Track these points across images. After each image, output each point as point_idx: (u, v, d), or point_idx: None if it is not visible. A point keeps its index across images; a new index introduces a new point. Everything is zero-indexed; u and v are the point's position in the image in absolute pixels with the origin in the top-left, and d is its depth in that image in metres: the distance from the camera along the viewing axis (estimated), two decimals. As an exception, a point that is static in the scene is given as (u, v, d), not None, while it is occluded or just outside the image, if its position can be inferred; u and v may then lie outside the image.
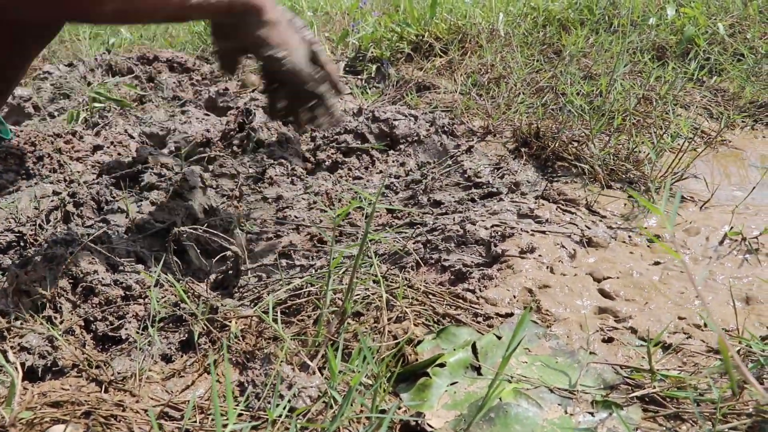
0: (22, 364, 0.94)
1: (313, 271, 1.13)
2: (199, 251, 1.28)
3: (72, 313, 1.07)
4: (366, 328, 0.89)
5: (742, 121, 1.95)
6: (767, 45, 2.28)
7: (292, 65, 1.21)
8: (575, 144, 1.60)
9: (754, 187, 1.46)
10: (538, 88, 2.05)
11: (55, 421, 0.78)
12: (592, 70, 2.15)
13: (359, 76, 2.53)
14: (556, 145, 1.59)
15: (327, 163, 1.74)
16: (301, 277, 1.05)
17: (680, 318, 1.04)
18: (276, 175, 1.64)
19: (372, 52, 2.60)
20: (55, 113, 2.45)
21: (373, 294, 0.98)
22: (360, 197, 1.46)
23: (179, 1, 1.12)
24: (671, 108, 1.82)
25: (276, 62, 1.21)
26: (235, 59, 1.32)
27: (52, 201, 1.49)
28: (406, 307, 0.95)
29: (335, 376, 0.66)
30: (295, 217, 1.48)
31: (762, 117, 1.97)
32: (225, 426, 0.62)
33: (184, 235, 1.23)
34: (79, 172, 1.68)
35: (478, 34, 2.50)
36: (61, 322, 1.04)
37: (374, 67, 2.52)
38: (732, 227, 1.30)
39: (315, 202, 1.54)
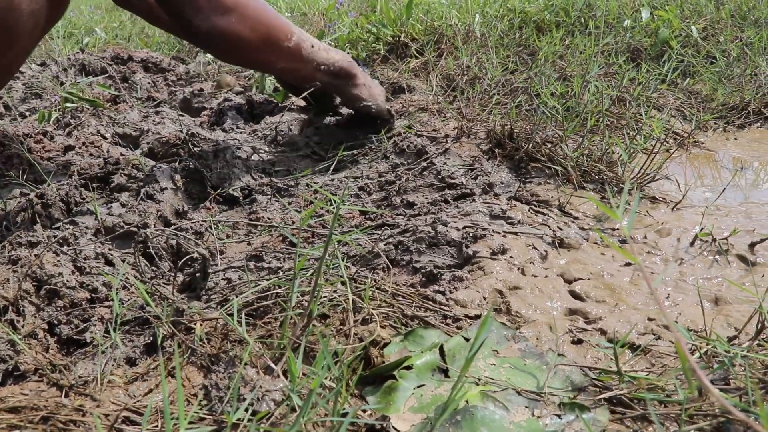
0: (-18, 369, 0.92)
1: (282, 273, 1.12)
2: (168, 253, 1.26)
3: (35, 317, 1.05)
4: (332, 330, 0.88)
5: (715, 123, 1.97)
6: (738, 48, 2.30)
7: (378, 110, 1.81)
8: (549, 145, 1.60)
9: (724, 189, 1.47)
10: (513, 89, 2.05)
11: (12, 427, 0.76)
12: (567, 72, 2.16)
13: (335, 77, 2.52)
14: (530, 147, 1.59)
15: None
16: (268, 279, 1.04)
17: (650, 319, 1.04)
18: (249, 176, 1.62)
19: (348, 53, 2.59)
20: (27, 113, 2.42)
21: (340, 296, 0.97)
22: (329, 198, 1.45)
23: (311, 69, 1.71)
24: (644, 109, 1.83)
25: (367, 109, 1.80)
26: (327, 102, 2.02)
27: (19, 202, 1.46)
28: (373, 309, 0.94)
29: (295, 379, 0.65)
30: (268, 218, 1.46)
31: (733, 119, 1.99)
32: (176, 430, 0.61)
33: (153, 238, 1.21)
34: (49, 172, 1.65)
35: (454, 36, 2.50)
36: (24, 326, 1.02)
37: (350, 68, 2.51)
38: (702, 228, 1.31)
39: (290, 203, 1.53)
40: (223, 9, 1.50)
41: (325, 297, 0.96)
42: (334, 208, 1.42)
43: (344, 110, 2.03)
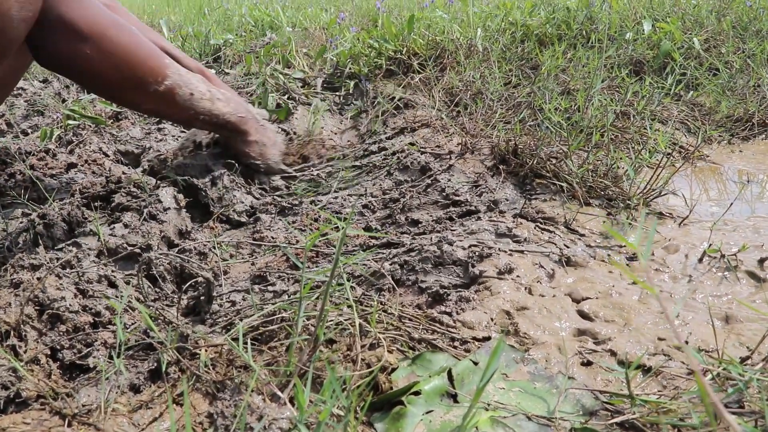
0: (-17, 397, 0.91)
1: (287, 296, 1.11)
2: (172, 275, 1.25)
3: (37, 342, 1.03)
4: (339, 356, 0.87)
5: (719, 136, 1.96)
6: (741, 60, 2.29)
7: (268, 169, 1.78)
8: (553, 161, 1.59)
9: (731, 203, 1.46)
10: (516, 103, 2.05)
11: (15, 459, 0.75)
12: (570, 85, 2.15)
13: (337, 93, 2.52)
14: (534, 162, 1.58)
15: (307, 177, 1.72)
16: (273, 303, 1.03)
17: (660, 339, 1.02)
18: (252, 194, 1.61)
19: (350, 68, 2.59)
20: (29, 130, 2.42)
21: (346, 320, 0.96)
22: (334, 219, 1.44)
23: (188, 116, 1.60)
24: (649, 123, 1.82)
25: (255, 167, 1.77)
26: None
27: (21, 222, 1.46)
28: (380, 333, 0.93)
29: (303, 410, 0.63)
30: (272, 238, 1.45)
31: (738, 131, 1.98)
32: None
33: (156, 261, 1.20)
34: (51, 190, 1.64)
35: (456, 50, 2.49)
36: (26, 351, 1.01)
37: (352, 83, 2.51)
38: (711, 244, 1.29)
39: (293, 222, 1.52)
40: (75, 35, 1.38)
41: (331, 321, 0.95)
42: (338, 227, 1.42)
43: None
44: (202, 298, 1.10)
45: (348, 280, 1.19)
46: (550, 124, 1.71)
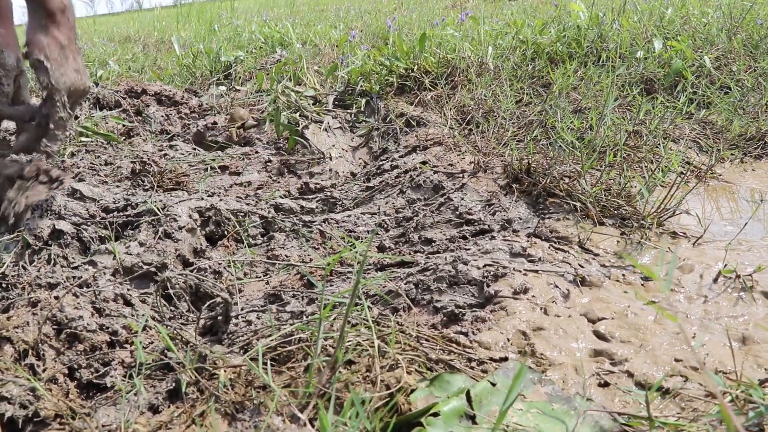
0: (1, 415, 0.91)
1: (304, 317, 1.11)
2: (188, 293, 1.26)
3: (55, 361, 1.04)
4: (358, 378, 0.87)
5: (732, 154, 1.96)
6: (753, 78, 2.29)
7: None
8: (566, 180, 1.59)
9: (746, 223, 1.46)
10: (528, 122, 2.05)
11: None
12: (582, 104, 2.16)
13: (348, 110, 2.53)
14: (548, 181, 1.58)
15: (320, 196, 1.73)
16: (291, 323, 1.03)
17: (677, 360, 1.02)
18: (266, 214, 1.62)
19: (361, 86, 2.60)
20: (42, 148, 2.43)
21: (364, 340, 0.96)
22: (350, 241, 1.45)
23: None
24: (661, 142, 1.82)
25: None
26: None
27: (38, 237, 1.46)
28: (398, 354, 0.93)
29: (327, 434, 0.64)
30: (286, 256, 1.46)
31: (751, 150, 1.98)
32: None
33: (173, 281, 1.21)
34: (66, 208, 1.65)
35: (467, 68, 2.51)
36: (44, 370, 1.02)
37: (363, 101, 2.53)
38: (726, 264, 1.29)
39: (308, 240, 1.53)
40: None
41: (350, 342, 0.95)
42: (353, 248, 1.42)
43: None
44: (219, 318, 1.10)
45: (365, 297, 1.19)
46: (563, 143, 1.71)
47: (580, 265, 1.31)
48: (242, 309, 1.24)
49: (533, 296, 1.19)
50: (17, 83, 1.50)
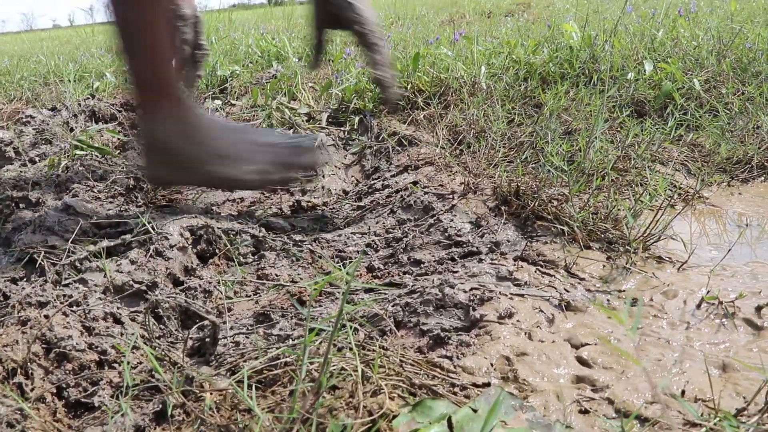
0: (-10, 435, 0.93)
1: (291, 340, 1.12)
2: (177, 312, 1.27)
3: (44, 380, 1.05)
4: (341, 403, 0.89)
5: (719, 177, 1.98)
6: (741, 102, 2.32)
7: None
8: (555, 203, 1.61)
9: (730, 249, 1.48)
10: (519, 143, 2.08)
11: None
12: (572, 126, 2.18)
13: (342, 128, 2.55)
14: (536, 204, 1.60)
15: (311, 215, 1.75)
16: (278, 347, 1.05)
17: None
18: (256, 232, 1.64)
19: (355, 104, 2.63)
20: (37, 159, 2.45)
21: (349, 365, 0.97)
22: (335, 265, 1.46)
23: None
24: (649, 165, 1.84)
25: None
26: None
27: (24, 253, 1.47)
28: (381, 379, 0.94)
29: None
30: (276, 275, 1.47)
31: (738, 173, 2.00)
32: None
33: (163, 302, 1.22)
34: (60, 224, 1.66)
35: (460, 88, 2.53)
36: (32, 389, 1.03)
37: (357, 118, 2.55)
38: (708, 291, 1.31)
39: (298, 260, 1.54)
40: None
41: (334, 366, 0.97)
42: (342, 269, 1.43)
43: None
44: (207, 340, 1.12)
45: (351, 320, 1.21)
46: (551, 167, 1.73)
47: (565, 289, 1.33)
48: (231, 328, 1.26)
49: (518, 321, 1.20)
50: (196, 29, 1.81)
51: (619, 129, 2.21)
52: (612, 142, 2.02)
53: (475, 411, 0.95)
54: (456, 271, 1.39)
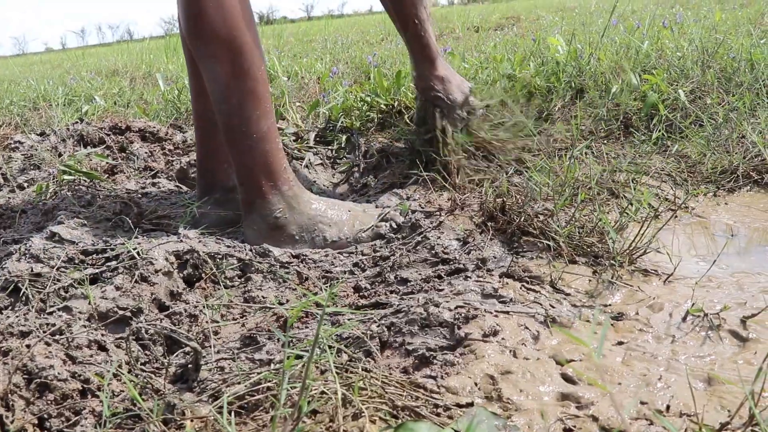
0: (-29, 470, 0.92)
1: (273, 365, 1.12)
2: (161, 337, 1.26)
3: (25, 411, 1.04)
4: (321, 428, 0.88)
5: (705, 187, 1.99)
6: (725, 112, 2.33)
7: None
8: (540, 218, 1.61)
9: (715, 260, 1.47)
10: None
11: None
12: (558, 141, 2.19)
13: (329, 147, 2.56)
14: (522, 220, 1.61)
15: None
16: (259, 372, 1.04)
17: (642, 403, 1.03)
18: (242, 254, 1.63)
19: (342, 122, 2.63)
20: (25, 184, 2.45)
21: (330, 389, 0.97)
22: (326, 287, 1.46)
23: None
24: (634, 178, 1.85)
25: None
26: None
27: (9, 281, 1.46)
28: (363, 402, 0.94)
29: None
30: (262, 297, 1.47)
31: (724, 183, 2.01)
32: None
33: (147, 329, 1.22)
34: (45, 251, 1.66)
35: (446, 104, 2.54)
36: (12, 422, 1.02)
37: (344, 137, 2.55)
38: (694, 303, 1.31)
39: (284, 281, 1.54)
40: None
41: (315, 390, 0.96)
42: (326, 290, 1.43)
43: None
44: (189, 366, 1.11)
45: (336, 341, 1.20)
46: (535, 183, 1.74)
47: (551, 305, 1.33)
48: (217, 352, 1.25)
49: (503, 338, 1.20)
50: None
51: (605, 141, 2.22)
52: (598, 155, 2.02)
53: (457, 432, 0.94)
54: (442, 289, 1.39)
